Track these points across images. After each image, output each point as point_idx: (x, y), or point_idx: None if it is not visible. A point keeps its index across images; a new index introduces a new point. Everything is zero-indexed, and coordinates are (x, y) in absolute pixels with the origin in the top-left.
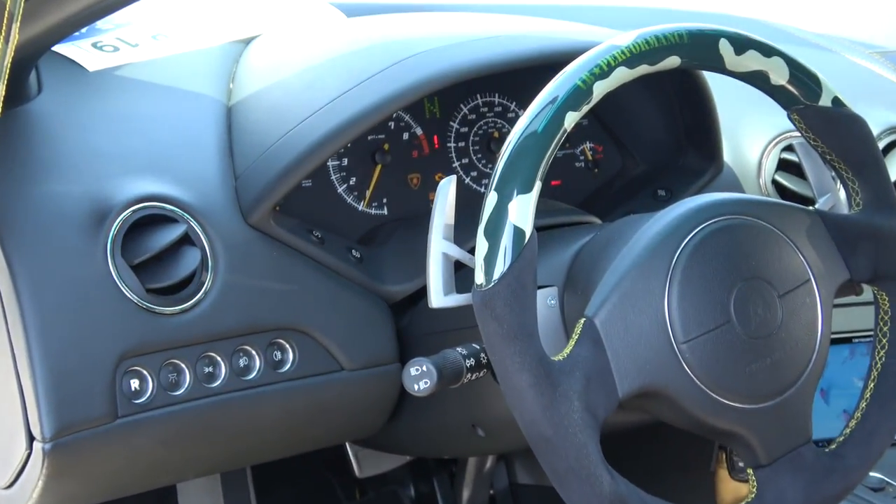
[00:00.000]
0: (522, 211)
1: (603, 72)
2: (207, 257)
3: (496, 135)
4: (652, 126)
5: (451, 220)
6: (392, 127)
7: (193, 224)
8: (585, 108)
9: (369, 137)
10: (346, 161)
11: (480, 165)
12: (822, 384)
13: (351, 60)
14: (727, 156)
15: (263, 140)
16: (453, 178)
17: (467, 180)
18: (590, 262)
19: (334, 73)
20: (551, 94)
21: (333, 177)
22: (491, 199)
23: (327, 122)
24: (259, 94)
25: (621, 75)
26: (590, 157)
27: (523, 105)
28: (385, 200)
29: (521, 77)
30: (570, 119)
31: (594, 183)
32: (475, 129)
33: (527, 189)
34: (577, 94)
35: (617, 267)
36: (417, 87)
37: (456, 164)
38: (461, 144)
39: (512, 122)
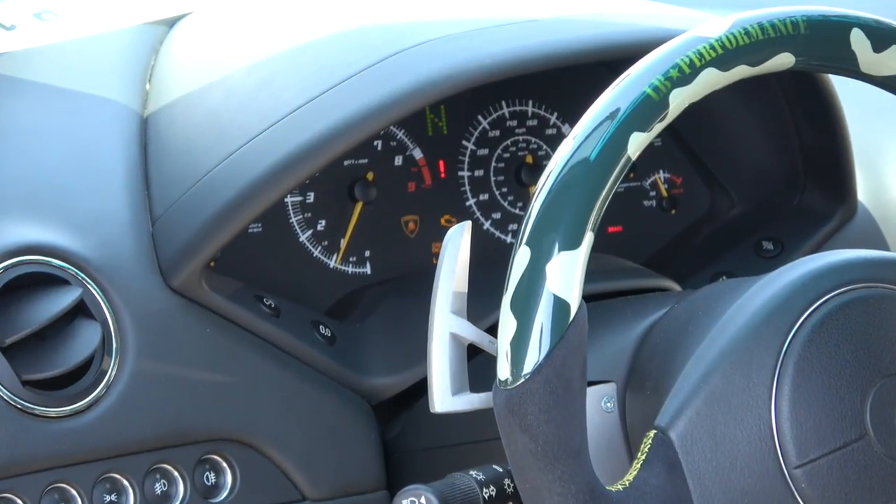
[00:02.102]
0: (567, 274)
1: (683, 75)
2: (111, 335)
3: (529, 160)
4: (754, 150)
5: (464, 286)
6: (379, 148)
7: (92, 287)
8: (658, 127)
9: (346, 163)
10: (312, 197)
11: (506, 204)
12: None
13: (320, 52)
14: (862, 194)
15: (193, 167)
16: (467, 223)
17: (487, 226)
18: (664, 347)
19: (296, 70)
20: (610, 105)
21: (294, 219)
22: (522, 257)
23: (285, 141)
24: (187, 101)
25: (710, 80)
26: (664, 194)
27: (569, 118)
28: (368, 254)
29: (566, 79)
30: (637, 141)
31: (670, 230)
32: (499, 151)
33: (573, 242)
34: (647, 107)
35: (703, 356)
36: (418, 92)
37: (471, 201)
38: (478, 174)
39: (553, 142)
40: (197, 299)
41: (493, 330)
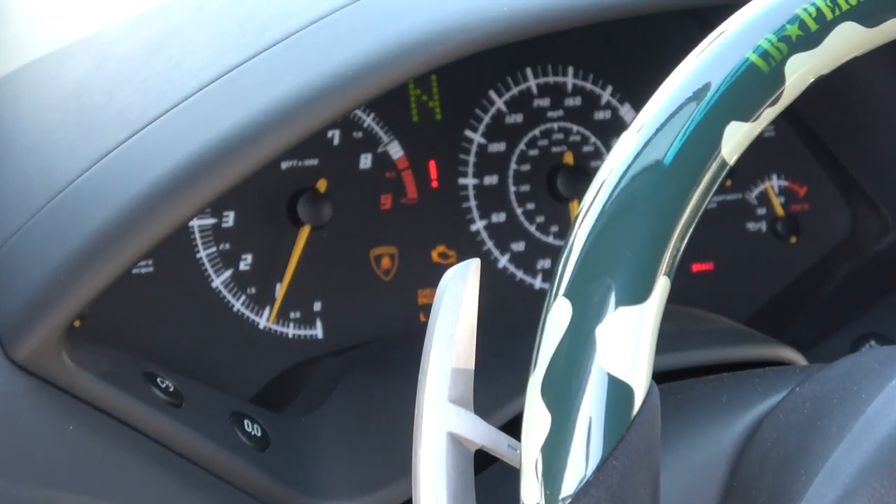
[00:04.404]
0: (628, 342)
1: (807, 33)
2: None
3: (569, 160)
4: None
5: (469, 359)
6: (336, 142)
7: None
8: (769, 113)
9: (285, 166)
10: (231, 218)
11: (534, 230)
12: None
13: (229, 5)
14: None
15: (45, 176)
16: (474, 262)
17: (504, 262)
18: (780, 454)
19: (205, 25)
20: (695, 79)
21: (204, 254)
22: (559, 315)
23: (189, 135)
24: (37, 74)
25: (847, 41)
26: (779, 211)
27: (631, 95)
28: (318, 307)
29: (625, 35)
30: (737, 135)
31: (789, 268)
32: (522, 146)
33: (638, 292)
34: (752, 82)
35: (840, 465)
36: (399, 56)
37: (479, 224)
38: (491, 181)
39: (605, 132)
40: (53, 379)
41: (514, 427)
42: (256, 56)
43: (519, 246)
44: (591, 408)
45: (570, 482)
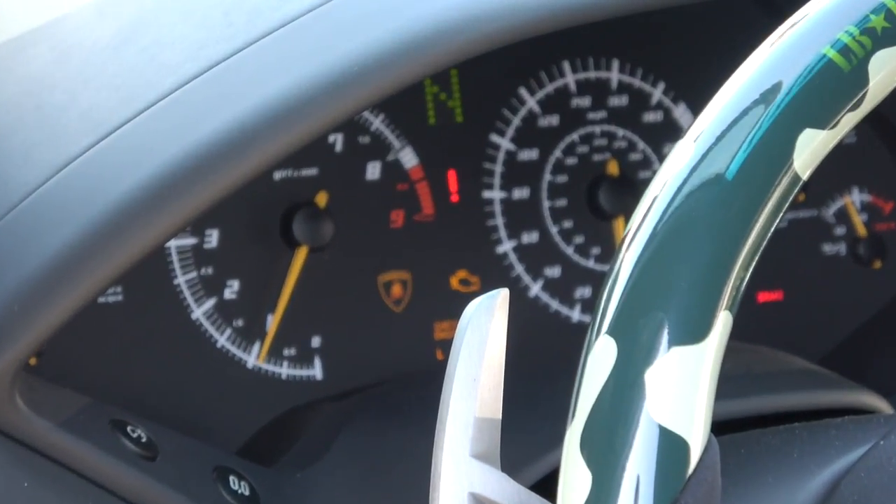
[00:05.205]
0: (683, 389)
1: (895, 26)
2: None
3: (613, 170)
4: None
5: (496, 406)
6: (338, 148)
7: None
8: (849, 119)
9: (279, 177)
10: (214, 238)
11: (572, 252)
12: None
13: None
14: None
15: None
16: (502, 292)
17: (536, 291)
18: None
19: (189, 9)
20: (763, 77)
21: (183, 279)
22: (601, 356)
23: (166, 140)
24: None
25: None
26: (861, 231)
27: (687, 95)
28: (317, 344)
29: (679, 24)
30: (812, 144)
31: (873, 298)
32: (558, 153)
33: (695, 330)
34: (830, 82)
35: None
36: (418, 48)
37: (507, 246)
38: (521, 195)
39: (656, 137)
40: (4, 427)
41: (548, 488)
42: (245, 48)
43: (554, 271)
44: (639, 466)
45: None
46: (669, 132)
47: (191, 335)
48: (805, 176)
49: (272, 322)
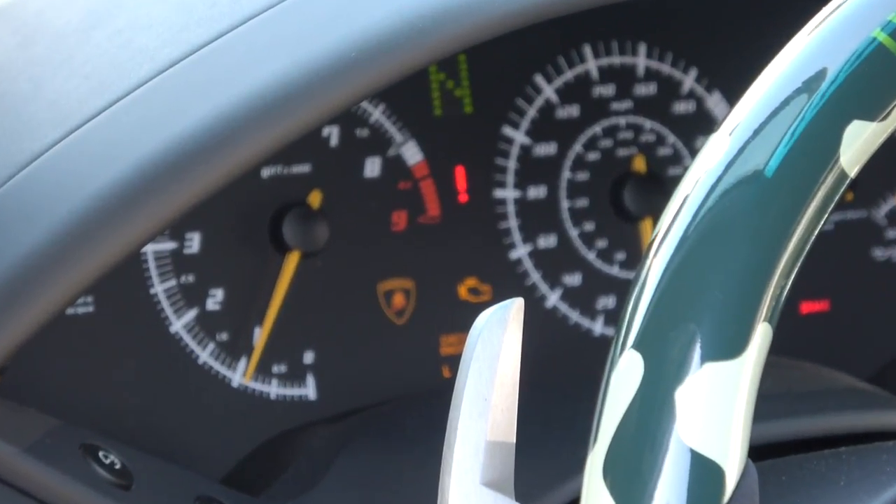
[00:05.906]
0: (718, 409)
1: None
2: None
3: (640, 166)
4: None
5: (511, 429)
6: (333, 143)
7: None
8: None
9: (267, 175)
10: (195, 243)
11: (593, 258)
12: None
13: None
14: None
15: None
16: (516, 302)
17: (554, 301)
18: None
19: (143, 7)
20: (806, 65)
21: (160, 289)
22: (627, 373)
23: (143, 133)
24: None
25: None
26: None
27: (721, 83)
28: (310, 360)
29: (710, 5)
30: (860, 139)
31: None
32: (578, 147)
33: (731, 344)
34: (880, 70)
35: None
36: (413, 36)
37: (522, 251)
38: (537, 194)
39: (688, 131)
40: None
41: None
42: (230, 31)
43: (574, 279)
44: (669, 495)
45: None
46: (702, 124)
47: (169, 350)
48: (853, 173)
49: (260, 336)
